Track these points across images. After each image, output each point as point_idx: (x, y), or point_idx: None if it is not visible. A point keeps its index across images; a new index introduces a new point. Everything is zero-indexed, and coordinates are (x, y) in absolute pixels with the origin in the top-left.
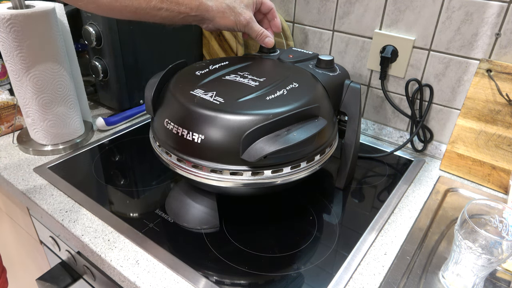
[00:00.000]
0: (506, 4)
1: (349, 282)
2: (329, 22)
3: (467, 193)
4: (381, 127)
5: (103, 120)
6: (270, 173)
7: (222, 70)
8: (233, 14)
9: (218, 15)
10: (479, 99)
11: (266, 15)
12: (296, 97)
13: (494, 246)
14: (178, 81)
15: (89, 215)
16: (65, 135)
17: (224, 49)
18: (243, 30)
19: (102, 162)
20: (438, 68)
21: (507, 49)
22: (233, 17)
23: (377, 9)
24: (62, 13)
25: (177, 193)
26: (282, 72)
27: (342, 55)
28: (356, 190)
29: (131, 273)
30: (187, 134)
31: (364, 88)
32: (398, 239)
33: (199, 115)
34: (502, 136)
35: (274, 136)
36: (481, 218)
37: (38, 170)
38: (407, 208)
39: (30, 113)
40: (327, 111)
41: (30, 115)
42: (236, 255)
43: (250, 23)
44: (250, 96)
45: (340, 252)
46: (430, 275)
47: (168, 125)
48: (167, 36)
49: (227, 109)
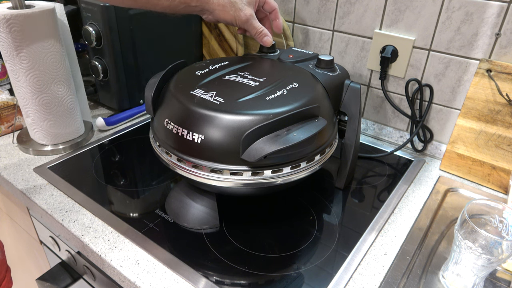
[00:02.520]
0: (506, 4)
1: (349, 282)
2: (329, 22)
3: (467, 193)
4: (381, 127)
5: (103, 120)
6: (270, 173)
7: (222, 70)
8: (233, 9)
9: (218, 8)
10: (479, 99)
11: (269, 15)
12: (296, 97)
13: (494, 246)
14: (178, 81)
15: (89, 215)
16: (65, 135)
17: (224, 49)
18: (242, 26)
19: (102, 162)
20: (438, 68)
21: (507, 49)
22: (233, 12)
23: (377, 9)
24: (62, 13)
25: (177, 193)
26: (282, 72)
27: (342, 55)
28: (356, 190)
29: (131, 273)
30: (187, 134)
31: (364, 88)
32: (398, 239)
33: (199, 115)
34: (502, 136)
35: (274, 136)
36: (481, 218)
37: (38, 170)
38: (407, 208)
39: (30, 113)
40: (327, 111)
41: (30, 115)
42: (236, 255)
43: (250, 19)
44: (250, 96)
45: (340, 252)
46: (430, 275)
47: (168, 125)
48: (167, 36)
49: (227, 109)
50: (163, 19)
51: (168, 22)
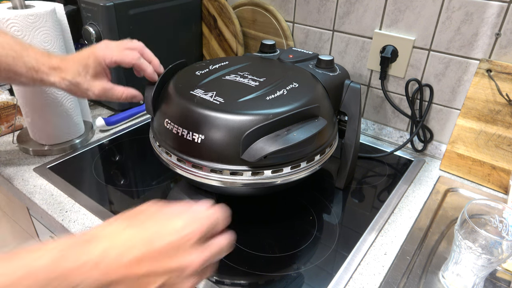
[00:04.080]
0: (506, 4)
1: (349, 282)
2: (329, 22)
3: (467, 193)
4: (381, 127)
5: (103, 120)
6: (270, 173)
7: (222, 70)
8: (79, 91)
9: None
10: (479, 99)
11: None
12: (296, 97)
13: (494, 246)
14: (178, 81)
15: (89, 215)
16: (65, 135)
17: (224, 49)
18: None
19: (102, 162)
20: (438, 68)
21: (507, 49)
22: (81, 93)
23: (377, 9)
24: (62, 13)
25: (177, 193)
26: (282, 72)
27: (342, 55)
28: (356, 190)
29: None
30: (187, 134)
31: (364, 88)
32: (398, 239)
33: (199, 115)
34: (502, 136)
35: (274, 136)
36: (481, 218)
37: (38, 170)
38: (407, 208)
39: (30, 113)
40: (327, 111)
41: (30, 115)
42: (236, 255)
43: (105, 92)
44: (250, 96)
45: (340, 252)
46: (430, 275)
47: (168, 125)
48: (167, 36)
49: (227, 109)
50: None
51: (168, 22)
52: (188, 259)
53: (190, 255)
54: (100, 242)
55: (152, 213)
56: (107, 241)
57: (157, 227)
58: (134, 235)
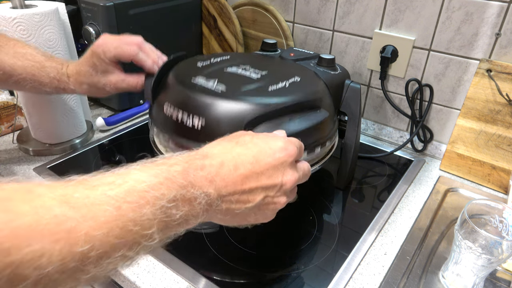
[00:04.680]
0: (506, 4)
1: (349, 282)
2: (329, 22)
3: (467, 193)
4: (381, 127)
5: (103, 120)
6: None
7: (224, 63)
8: (99, 90)
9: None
10: (479, 99)
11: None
12: (299, 89)
13: (494, 246)
14: (180, 70)
15: None
16: (65, 135)
17: (224, 49)
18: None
19: (102, 162)
20: (438, 68)
21: (507, 49)
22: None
23: (377, 9)
24: (64, 13)
25: None
26: (284, 68)
27: (342, 55)
28: (356, 190)
29: (131, 273)
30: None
31: (364, 88)
32: (398, 239)
33: (200, 101)
34: (502, 136)
35: (276, 124)
36: (481, 218)
37: (38, 170)
38: (407, 208)
39: (34, 112)
40: (329, 105)
41: (33, 114)
42: (236, 255)
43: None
44: (252, 86)
45: (340, 252)
46: (430, 275)
47: (168, 110)
48: (167, 36)
49: (229, 96)
50: (163, 19)
51: (168, 22)
52: (285, 178)
53: (286, 174)
54: (214, 159)
55: (251, 137)
56: (220, 158)
57: (260, 147)
58: (242, 153)
